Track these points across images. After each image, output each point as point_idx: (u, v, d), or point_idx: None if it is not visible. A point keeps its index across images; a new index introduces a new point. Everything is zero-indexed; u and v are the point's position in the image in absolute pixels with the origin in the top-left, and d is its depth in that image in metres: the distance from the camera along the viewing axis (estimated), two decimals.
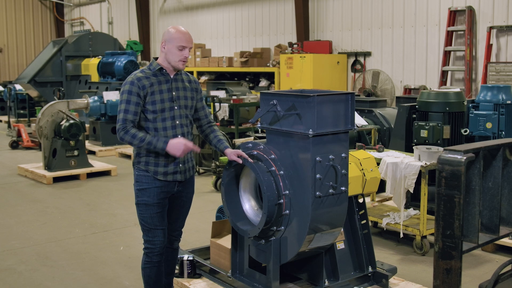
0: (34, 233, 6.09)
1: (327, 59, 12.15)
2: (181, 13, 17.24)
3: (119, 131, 3.55)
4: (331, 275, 3.92)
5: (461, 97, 6.16)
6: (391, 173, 5.27)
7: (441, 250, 2.25)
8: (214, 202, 7.10)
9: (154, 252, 3.69)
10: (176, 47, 3.58)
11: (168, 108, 3.62)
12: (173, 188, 3.71)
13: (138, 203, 3.67)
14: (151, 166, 3.62)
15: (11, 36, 23.12)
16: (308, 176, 3.45)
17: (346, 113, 3.58)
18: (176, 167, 3.66)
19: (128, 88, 3.57)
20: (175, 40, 3.58)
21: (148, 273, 3.73)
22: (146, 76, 3.62)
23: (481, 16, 10.02)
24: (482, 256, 5.21)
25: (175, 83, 3.70)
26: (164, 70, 3.67)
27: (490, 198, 2.50)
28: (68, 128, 8.68)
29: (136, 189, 3.68)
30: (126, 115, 3.54)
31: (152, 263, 3.71)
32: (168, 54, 3.62)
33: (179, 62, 3.62)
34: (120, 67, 13.09)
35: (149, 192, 3.62)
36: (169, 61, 3.64)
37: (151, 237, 3.67)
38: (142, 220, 3.68)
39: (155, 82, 3.61)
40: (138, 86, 3.56)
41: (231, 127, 9.90)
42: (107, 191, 8.04)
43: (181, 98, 3.70)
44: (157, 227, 3.66)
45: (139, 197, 3.66)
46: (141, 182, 3.64)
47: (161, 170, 3.62)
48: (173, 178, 3.67)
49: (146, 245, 3.71)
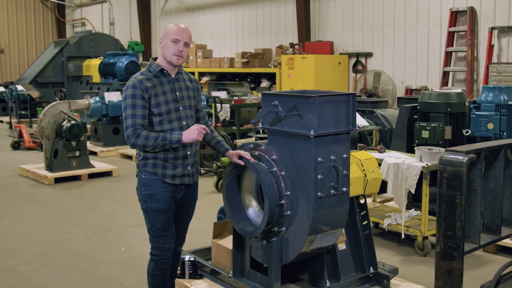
0: (35, 233, 6.10)
1: (328, 60, 12.15)
2: (182, 14, 17.24)
3: (129, 138, 3.40)
4: (332, 275, 3.92)
5: (462, 97, 6.16)
6: (393, 173, 5.27)
7: (443, 251, 2.25)
8: (215, 203, 7.10)
9: (164, 259, 3.61)
10: (170, 40, 3.50)
11: (174, 110, 3.54)
12: (179, 192, 3.63)
13: (148, 209, 3.56)
14: (159, 168, 3.52)
15: (12, 37, 23.15)
16: (310, 177, 3.45)
17: (347, 113, 3.58)
18: (185, 169, 3.59)
19: (131, 92, 3.45)
20: (170, 34, 3.52)
21: (157, 279, 3.65)
22: (148, 78, 3.52)
23: (482, 17, 10.01)
24: (484, 257, 5.20)
25: (178, 83, 3.62)
26: (165, 71, 3.58)
27: (492, 199, 2.49)
28: (70, 129, 8.68)
29: (144, 194, 3.55)
30: (135, 119, 3.41)
31: (161, 270, 3.63)
32: (164, 48, 3.54)
33: (173, 56, 3.52)
34: (121, 68, 13.10)
35: (159, 198, 3.53)
36: (165, 57, 3.55)
37: (162, 243, 3.59)
38: (152, 227, 3.58)
39: (157, 84, 3.52)
40: (141, 88, 3.45)
41: (232, 127, 9.90)
42: (108, 192, 8.05)
43: (185, 98, 3.63)
44: (167, 233, 3.60)
45: (147, 203, 3.55)
46: (149, 187, 3.53)
47: (169, 173, 3.53)
48: (181, 181, 3.58)
49: (155, 251, 3.61)
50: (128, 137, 3.41)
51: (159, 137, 3.40)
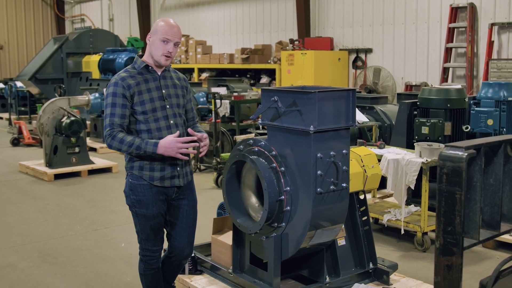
0: (35, 230, 6.10)
1: (328, 56, 12.14)
2: (182, 10, 17.21)
3: (106, 138, 3.28)
4: (332, 271, 3.92)
5: (462, 93, 6.16)
6: (392, 169, 5.27)
7: (442, 247, 2.25)
8: (215, 198, 7.10)
9: (153, 259, 3.55)
10: (160, 39, 3.31)
11: (160, 108, 3.38)
12: (172, 194, 3.48)
13: (136, 213, 3.45)
14: (146, 171, 3.36)
15: (11, 33, 23.12)
16: (309, 173, 3.45)
17: (347, 109, 3.57)
18: (174, 171, 3.42)
19: (112, 90, 3.30)
20: (159, 32, 3.32)
21: (149, 279, 3.60)
22: (131, 75, 3.37)
23: (482, 13, 10.00)
24: (483, 253, 5.21)
25: (164, 81, 3.46)
26: (150, 68, 3.42)
27: (491, 194, 2.49)
28: (69, 125, 8.68)
29: (132, 198, 3.43)
30: (113, 119, 3.27)
31: (152, 269, 3.58)
32: (152, 46, 3.35)
33: (161, 57, 3.34)
34: (121, 64, 13.08)
35: (147, 204, 3.39)
36: (152, 55, 3.37)
37: (150, 246, 3.52)
38: (141, 230, 3.49)
39: (141, 81, 3.36)
40: (123, 86, 3.30)
41: (232, 123, 9.89)
42: (108, 188, 8.05)
43: (172, 97, 3.46)
44: (156, 236, 3.52)
45: (136, 208, 3.44)
46: (136, 192, 3.39)
47: (157, 175, 3.37)
48: (171, 183, 3.42)
49: (144, 253, 3.55)
50: (105, 137, 3.30)
51: (133, 144, 3.24)
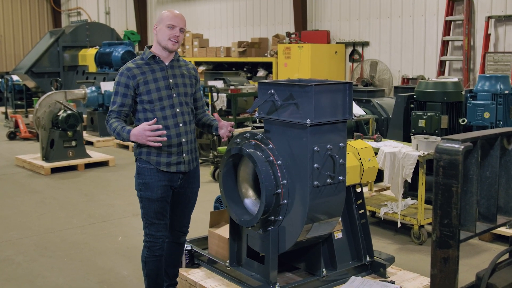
0: (32, 223, 6.10)
1: (325, 49, 12.12)
2: (178, 3, 17.15)
3: (106, 122, 3.56)
4: (329, 264, 3.93)
5: (459, 87, 6.16)
6: (389, 162, 5.27)
7: (439, 239, 2.26)
8: (212, 192, 7.10)
9: (156, 246, 3.63)
10: (166, 26, 3.50)
11: (166, 97, 3.54)
12: (177, 180, 3.63)
13: (141, 197, 3.60)
14: (153, 156, 3.53)
15: (7, 27, 22.99)
16: (306, 166, 3.45)
17: (344, 102, 3.57)
18: (180, 157, 3.58)
19: (117, 80, 3.53)
20: (165, 19, 3.52)
21: (150, 266, 3.67)
22: (138, 66, 3.54)
23: (479, 6, 9.99)
24: (480, 246, 5.23)
25: (171, 70, 3.61)
26: (157, 58, 3.58)
27: (488, 187, 2.50)
28: (66, 119, 8.66)
29: (138, 182, 3.59)
30: (113, 106, 3.53)
31: (154, 256, 3.65)
32: (159, 34, 3.53)
33: (168, 41, 3.51)
34: (117, 57, 13.05)
35: (152, 187, 3.54)
36: (159, 42, 3.54)
37: (154, 231, 3.61)
38: (145, 214, 3.61)
39: (147, 71, 3.53)
40: (128, 76, 3.50)
41: (228, 117, 9.89)
42: (105, 182, 8.04)
43: (179, 86, 3.61)
44: (160, 222, 3.61)
45: (141, 191, 3.58)
46: (143, 175, 3.55)
47: (163, 161, 3.53)
48: (176, 169, 3.58)
49: (148, 238, 3.65)
50: (106, 122, 3.56)
51: (115, 130, 3.46)
